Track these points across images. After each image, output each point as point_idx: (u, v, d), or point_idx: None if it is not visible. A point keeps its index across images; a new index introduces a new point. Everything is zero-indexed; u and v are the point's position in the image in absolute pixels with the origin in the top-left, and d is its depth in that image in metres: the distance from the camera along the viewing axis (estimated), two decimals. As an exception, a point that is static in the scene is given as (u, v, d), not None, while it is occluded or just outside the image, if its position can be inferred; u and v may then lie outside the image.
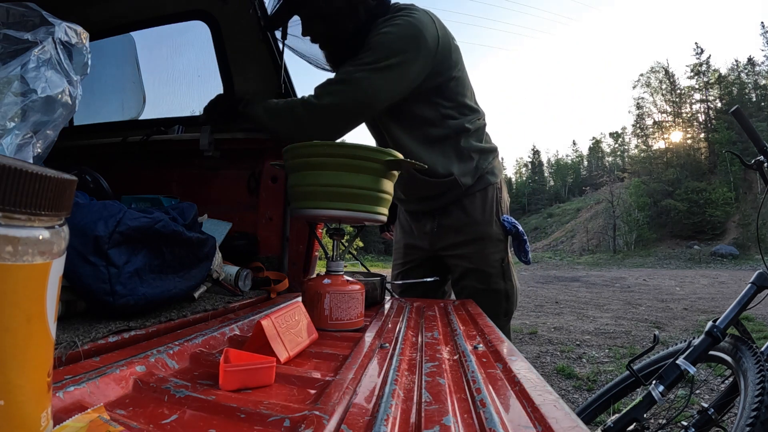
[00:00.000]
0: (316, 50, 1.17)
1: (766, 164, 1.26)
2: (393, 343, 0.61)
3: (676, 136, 40.63)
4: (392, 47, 1.00)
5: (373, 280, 1.00)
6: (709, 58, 39.77)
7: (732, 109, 1.28)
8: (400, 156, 0.77)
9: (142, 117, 1.64)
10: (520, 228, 1.24)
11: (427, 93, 1.10)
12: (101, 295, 0.60)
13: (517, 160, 75.20)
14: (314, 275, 1.23)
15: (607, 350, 3.28)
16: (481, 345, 0.62)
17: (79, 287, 0.61)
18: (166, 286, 0.70)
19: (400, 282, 1.36)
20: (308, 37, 1.13)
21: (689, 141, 39.49)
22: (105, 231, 0.60)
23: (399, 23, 1.01)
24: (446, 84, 1.11)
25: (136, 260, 0.64)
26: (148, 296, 0.65)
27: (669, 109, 42.73)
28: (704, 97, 40.25)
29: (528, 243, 1.27)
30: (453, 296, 1.40)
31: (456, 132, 1.16)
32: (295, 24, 1.16)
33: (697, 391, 2.12)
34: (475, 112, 1.21)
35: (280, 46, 1.27)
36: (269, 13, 1.16)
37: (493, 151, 1.26)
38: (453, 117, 1.16)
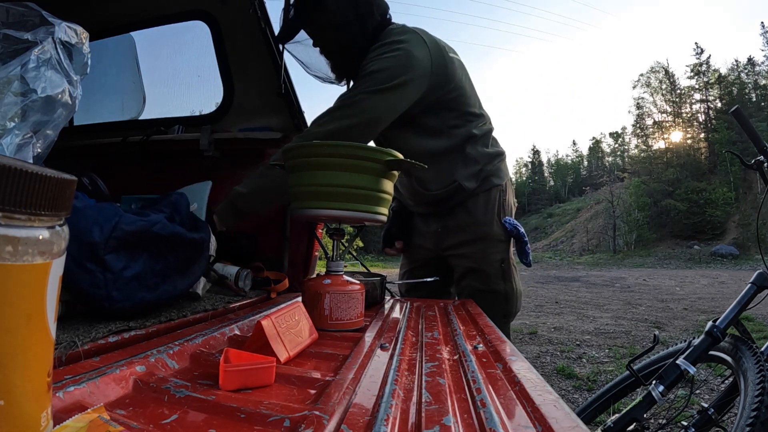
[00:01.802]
0: (314, 59, 1.18)
1: (766, 164, 1.25)
2: (393, 343, 0.61)
3: (676, 136, 40.63)
4: (389, 72, 1.01)
5: (373, 280, 1.00)
6: (709, 58, 39.79)
7: (732, 109, 1.28)
8: (400, 156, 0.77)
9: (142, 117, 1.64)
10: (521, 230, 1.25)
11: (431, 106, 1.13)
12: (97, 301, 0.60)
13: (517, 160, 75.14)
14: (314, 275, 1.23)
15: (607, 350, 3.28)
16: (481, 345, 0.62)
17: (75, 292, 0.60)
18: (168, 288, 0.70)
19: (401, 282, 1.37)
20: (309, 46, 1.15)
21: (689, 141, 39.48)
22: (101, 237, 0.59)
23: (393, 49, 1.04)
24: (447, 96, 1.14)
25: (136, 265, 0.64)
26: (147, 299, 0.65)
27: (669, 109, 42.72)
28: (704, 97, 40.24)
29: (529, 245, 1.28)
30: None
31: (463, 140, 1.18)
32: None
33: (697, 391, 2.12)
34: (480, 117, 1.22)
35: (280, 47, 1.27)
36: (280, 25, 1.17)
37: (500, 155, 1.27)
38: (458, 126, 1.17)
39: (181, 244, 0.72)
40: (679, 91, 42.19)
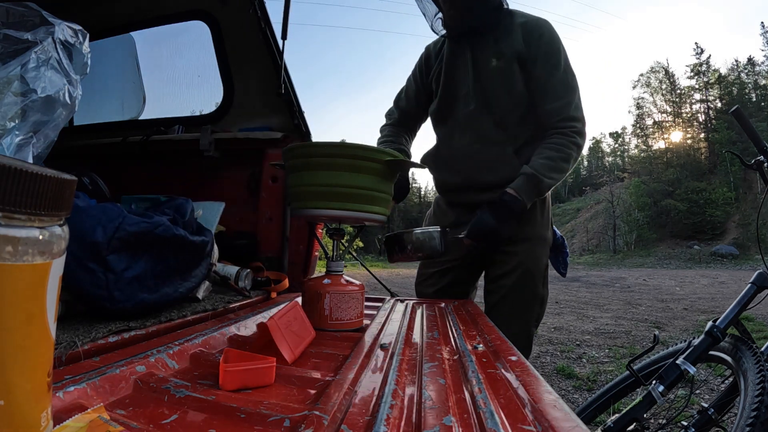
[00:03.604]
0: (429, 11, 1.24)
1: (766, 164, 1.25)
2: (393, 343, 0.61)
3: (676, 136, 40.57)
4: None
5: (429, 230, 1.00)
6: (709, 58, 39.72)
7: (732, 109, 1.27)
8: (400, 156, 0.77)
9: (142, 117, 1.64)
10: (565, 241, 1.29)
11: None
12: (98, 301, 0.60)
13: (517, 160, 74.80)
14: (314, 275, 1.23)
15: (607, 350, 3.28)
16: (481, 345, 0.62)
17: (76, 292, 0.60)
18: (168, 290, 0.70)
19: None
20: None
21: (689, 141, 39.43)
22: (104, 237, 0.60)
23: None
24: None
25: (137, 266, 0.64)
26: (147, 301, 0.65)
27: (669, 109, 42.66)
28: (704, 97, 40.19)
29: (568, 256, 1.30)
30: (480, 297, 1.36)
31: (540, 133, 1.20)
32: None
33: (697, 391, 2.11)
34: None
35: (280, 45, 1.27)
36: None
37: None
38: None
39: (184, 247, 0.72)
40: (679, 91, 42.14)
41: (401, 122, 1.40)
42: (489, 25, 1.16)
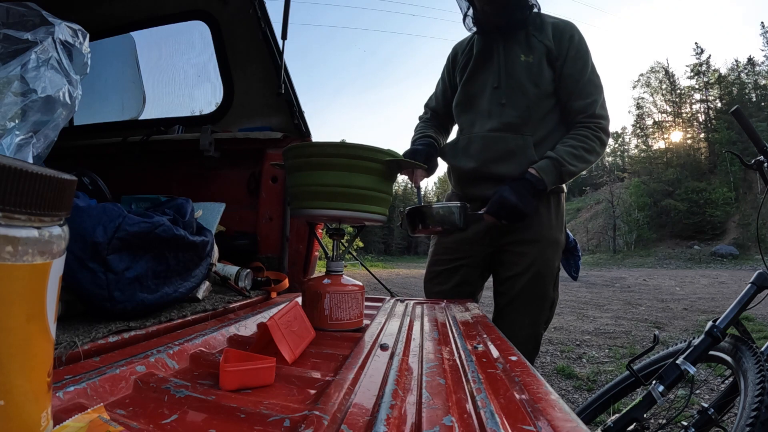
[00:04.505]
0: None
1: (766, 164, 1.25)
2: (393, 343, 0.61)
3: (676, 136, 40.54)
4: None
5: (450, 205, 1.01)
6: (709, 58, 39.68)
7: (732, 109, 1.27)
8: (400, 156, 0.77)
9: (142, 117, 1.64)
10: (578, 244, 1.29)
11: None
12: (99, 301, 0.60)
13: (517, 160, 74.78)
14: (314, 275, 1.23)
15: (607, 350, 3.28)
16: (481, 345, 0.62)
17: (76, 292, 0.60)
18: (168, 290, 0.70)
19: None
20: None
21: (689, 141, 39.40)
22: (104, 237, 0.60)
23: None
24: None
25: (138, 266, 0.64)
26: (148, 302, 0.65)
27: (669, 109, 42.63)
28: (704, 97, 40.14)
29: (580, 259, 1.30)
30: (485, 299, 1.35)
31: (564, 128, 1.22)
32: None
33: (697, 391, 2.12)
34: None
35: (280, 45, 1.27)
36: None
37: None
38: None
39: (184, 247, 0.72)
40: (679, 91, 42.09)
41: (432, 119, 1.41)
42: (520, 22, 1.19)
